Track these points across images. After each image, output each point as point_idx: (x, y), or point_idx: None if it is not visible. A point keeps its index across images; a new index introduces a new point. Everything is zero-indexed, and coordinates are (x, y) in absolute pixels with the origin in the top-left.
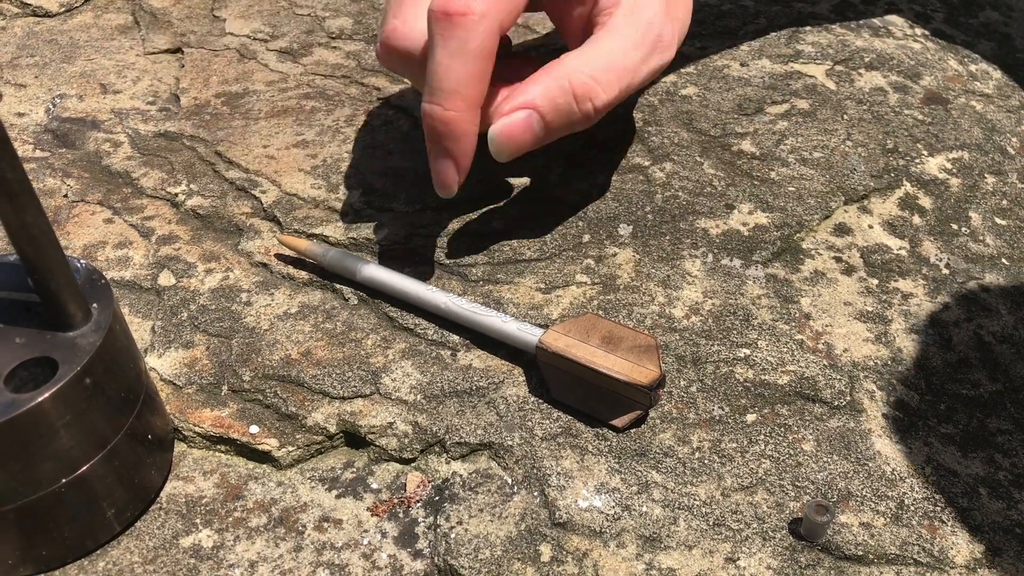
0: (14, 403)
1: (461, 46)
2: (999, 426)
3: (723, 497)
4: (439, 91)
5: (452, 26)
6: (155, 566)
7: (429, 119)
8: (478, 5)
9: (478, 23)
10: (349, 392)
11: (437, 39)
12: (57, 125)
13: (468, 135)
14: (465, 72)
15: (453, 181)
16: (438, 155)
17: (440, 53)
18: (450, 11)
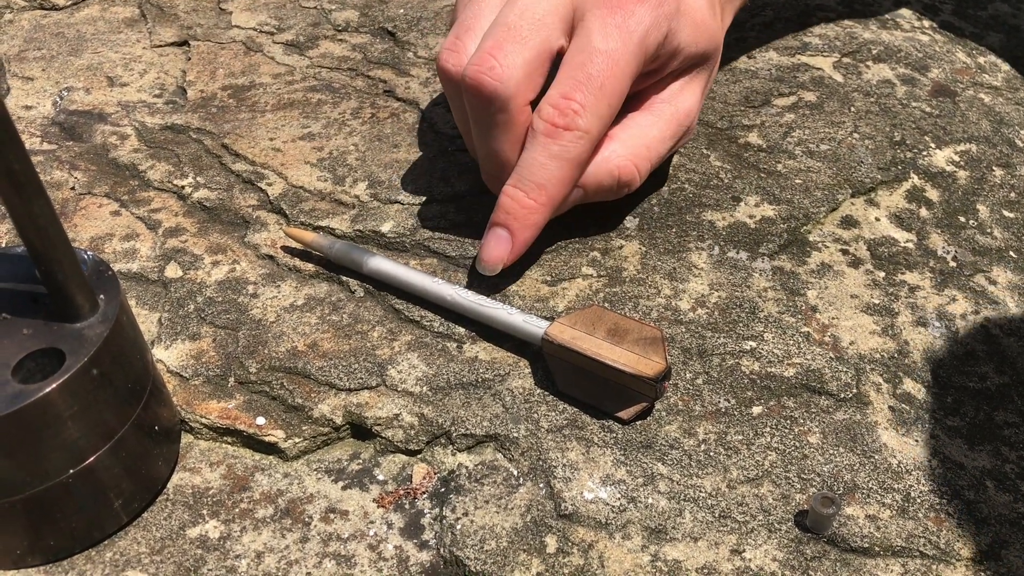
0: (22, 394)
1: (561, 152)
2: (1006, 419)
3: (729, 489)
4: (528, 181)
5: (558, 135)
6: (162, 556)
7: (510, 201)
8: (584, 122)
9: (581, 138)
10: (355, 384)
11: (540, 139)
12: (64, 118)
13: (537, 227)
14: (559, 175)
15: (501, 262)
16: (500, 234)
17: (540, 151)
18: (558, 124)
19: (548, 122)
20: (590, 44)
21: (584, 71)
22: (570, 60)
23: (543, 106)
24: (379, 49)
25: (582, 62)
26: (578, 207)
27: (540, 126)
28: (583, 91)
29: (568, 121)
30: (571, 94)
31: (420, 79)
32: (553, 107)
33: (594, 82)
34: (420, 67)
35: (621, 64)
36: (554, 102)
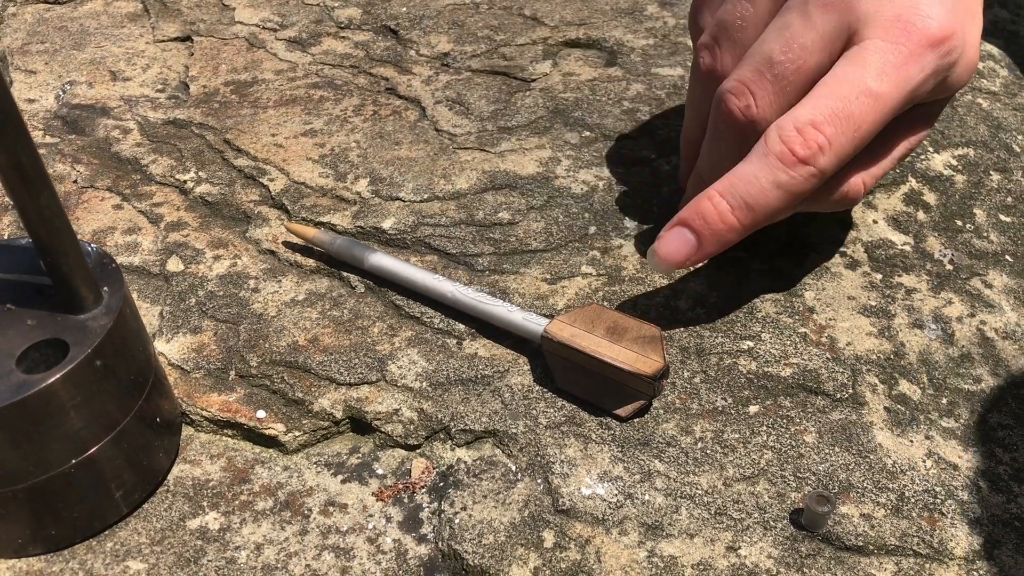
0: (26, 384)
1: (789, 185)
2: (1000, 421)
3: (725, 487)
4: (740, 198)
5: (793, 166)
6: (162, 547)
7: (711, 209)
8: (824, 161)
9: (814, 177)
10: (355, 379)
11: (771, 160)
12: (67, 111)
13: (727, 246)
14: (775, 205)
15: (677, 263)
16: (687, 236)
17: (766, 173)
18: (797, 155)
19: (787, 147)
20: (863, 79)
21: (846, 106)
22: (834, 85)
23: (786, 124)
24: (381, 47)
25: (847, 95)
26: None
27: (776, 147)
28: (836, 128)
29: (809, 155)
30: (823, 125)
31: (422, 77)
32: (799, 132)
33: (852, 123)
34: (422, 65)
35: (886, 110)
36: (801, 127)
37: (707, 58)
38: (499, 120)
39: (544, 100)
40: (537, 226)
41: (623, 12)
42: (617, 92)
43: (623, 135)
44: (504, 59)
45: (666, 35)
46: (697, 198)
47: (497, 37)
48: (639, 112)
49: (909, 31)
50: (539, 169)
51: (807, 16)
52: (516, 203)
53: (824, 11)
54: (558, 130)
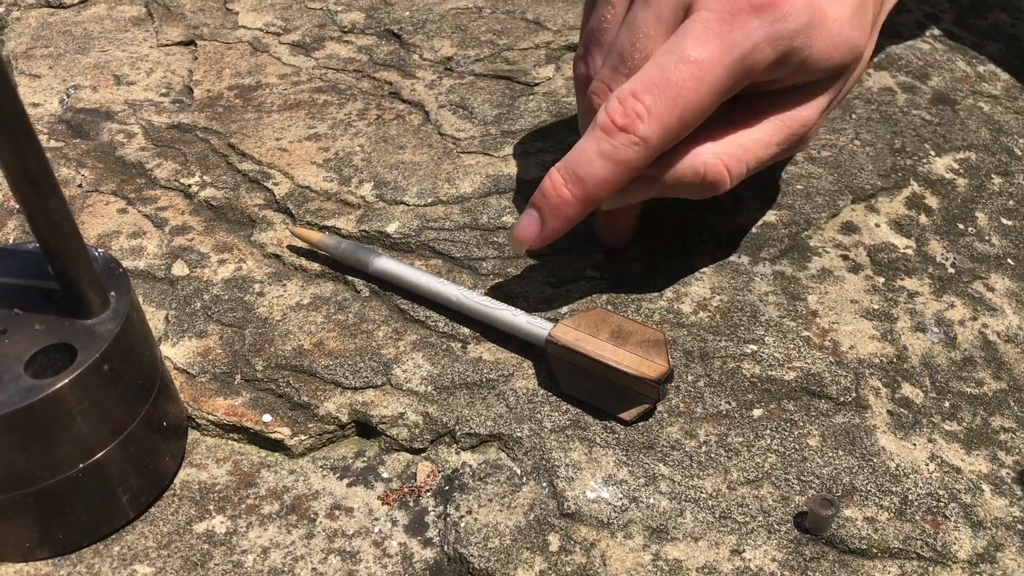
0: (34, 388)
1: (611, 153)
2: (1003, 424)
3: (729, 490)
4: (571, 171)
5: (613, 134)
6: (169, 551)
7: (549, 185)
8: (644, 129)
9: (635, 144)
10: (361, 382)
11: (596, 131)
12: (71, 116)
13: (568, 220)
14: (602, 175)
15: (528, 242)
16: (534, 214)
17: (592, 143)
18: (617, 123)
19: (609, 117)
20: (683, 48)
21: (663, 74)
22: (657, 57)
23: (611, 98)
24: (385, 51)
25: (665, 65)
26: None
27: (600, 117)
28: (655, 95)
29: (628, 123)
30: (641, 95)
31: (425, 81)
32: (620, 102)
33: (670, 89)
34: (425, 69)
35: (708, 79)
36: (622, 96)
37: (581, 68)
38: (502, 124)
39: (547, 104)
40: None
41: None
42: None
43: None
44: (507, 63)
45: None
46: (543, 180)
47: (500, 41)
48: None
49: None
50: (543, 173)
51: (647, 3)
52: (520, 207)
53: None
54: (561, 134)
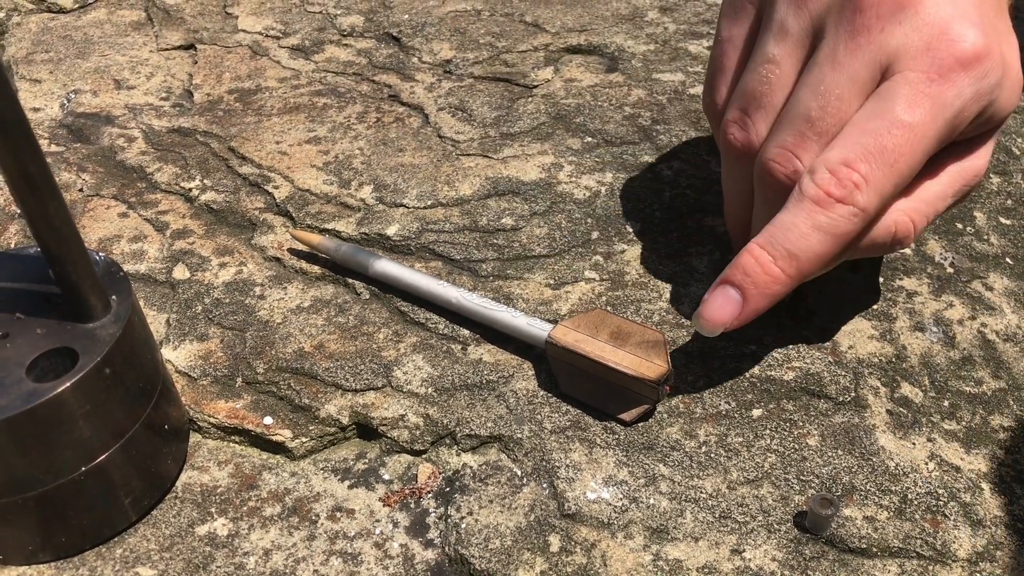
0: (35, 392)
1: (829, 226)
2: (1002, 423)
3: (729, 490)
4: (780, 247)
5: (829, 207)
6: (171, 554)
7: (753, 263)
8: (863, 199)
9: (855, 216)
10: (361, 385)
11: (807, 204)
12: (72, 120)
13: (775, 299)
14: (817, 249)
15: (725, 324)
16: (731, 294)
17: (803, 218)
18: (833, 195)
19: (822, 189)
20: (893, 112)
21: (878, 141)
22: (865, 122)
23: (819, 167)
24: (384, 54)
25: (878, 130)
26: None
27: (811, 191)
28: (871, 163)
29: (845, 194)
30: (856, 163)
31: (425, 84)
32: (831, 173)
33: (887, 156)
34: (424, 72)
35: (923, 141)
36: (833, 167)
37: (739, 133)
38: (501, 126)
39: (546, 106)
40: (540, 232)
41: (624, 18)
42: (618, 98)
43: (625, 140)
44: (506, 66)
45: (666, 41)
46: (739, 255)
47: (499, 44)
48: (640, 117)
49: (939, 57)
50: (542, 175)
51: (837, 63)
52: (519, 209)
53: (854, 54)
54: (560, 136)
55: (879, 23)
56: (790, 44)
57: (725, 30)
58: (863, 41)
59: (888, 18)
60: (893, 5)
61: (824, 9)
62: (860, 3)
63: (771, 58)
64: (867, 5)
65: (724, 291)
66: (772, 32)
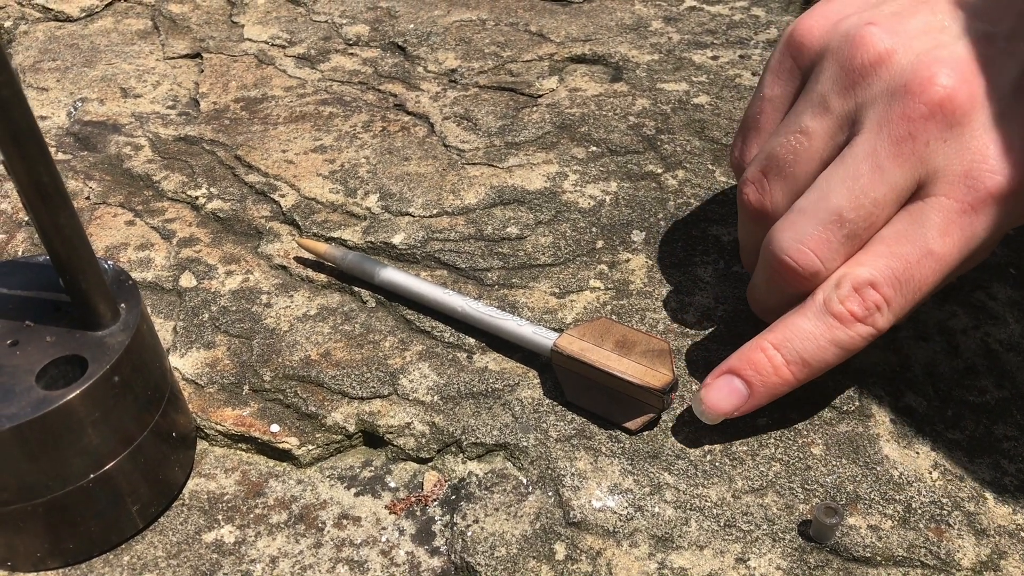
0: (45, 400)
1: (846, 343)
2: (1005, 432)
3: (734, 499)
4: (795, 352)
5: (850, 325)
6: (178, 561)
7: (765, 361)
8: (883, 322)
9: (871, 336)
10: (368, 392)
11: (828, 319)
12: (79, 128)
13: (776, 397)
14: (830, 361)
15: (727, 414)
16: (736, 386)
17: (822, 330)
18: (856, 315)
19: (845, 306)
20: (925, 240)
21: (907, 269)
22: (895, 244)
23: (844, 282)
24: (389, 63)
25: (908, 256)
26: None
27: (835, 307)
28: (897, 290)
29: (867, 316)
30: (882, 287)
31: (430, 93)
32: (857, 292)
33: (913, 285)
34: (430, 81)
35: (947, 269)
36: (859, 287)
37: (754, 194)
38: (507, 135)
39: (551, 115)
40: (545, 240)
41: (628, 28)
42: (623, 107)
43: (629, 150)
44: (511, 75)
45: (671, 51)
46: (749, 348)
47: (504, 53)
48: (645, 127)
49: (975, 188)
50: (546, 184)
51: (879, 168)
52: (524, 218)
53: (897, 163)
54: (565, 145)
55: (925, 136)
56: (827, 122)
57: (768, 88)
58: (907, 150)
59: (935, 134)
60: (943, 122)
61: (870, 99)
62: (910, 111)
63: (804, 129)
64: (916, 114)
65: (730, 381)
66: (812, 103)
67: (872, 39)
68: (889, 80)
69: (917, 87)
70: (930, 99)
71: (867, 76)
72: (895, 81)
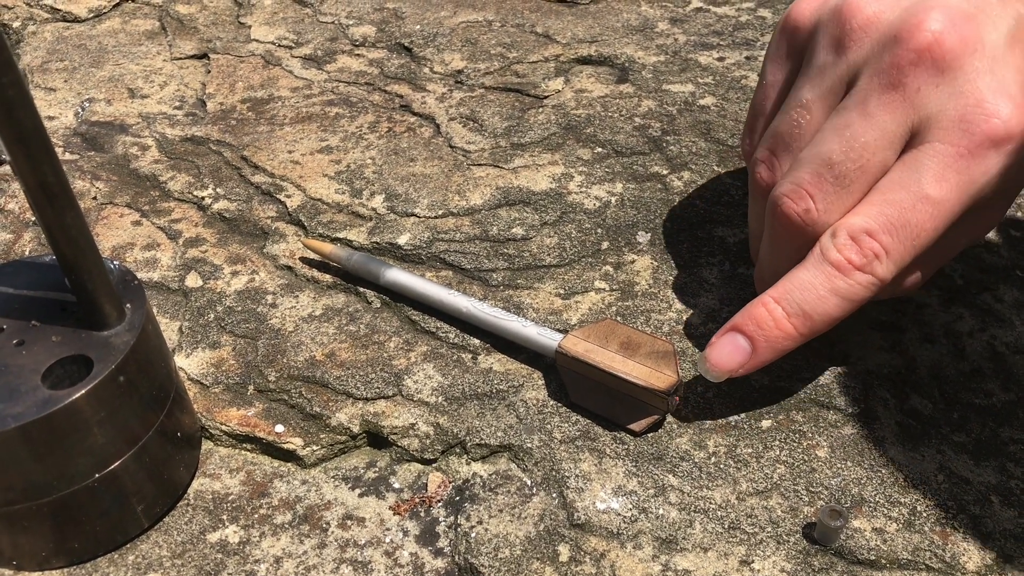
0: (51, 400)
1: (846, 292)
2: (1011, 435)
3: (738, 501)
4: (795, 304)
5: (849, 273)
6: (183, 560)
7: (766, 315)
8: (882, 270)
9: (872, 285)
10: (372, 393)
11: (826, 268)
12: (86, 128)
13: (783, 353)
14: (832, 312)
15: (732, 371)
16: (739, 342)
17: (822, 280)
18: (853, 263)
19: (843, 256)
20: (920, 185)
21: (902, 215)
22: (890, 191)
23: (839, 231)
24: (396, 64)
25: (903, 202)
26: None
27: (832, 255)
28: (894, 236)
29: (865, 263)
30: (878, 234)
31: (436, 94)
32: (854, 240)
33: (909, 230)
34: (436, 83)
35: (946, 216)
36: (856, 235)
37: (765, 172)
38: (512, 136)
39: (557, 117)
40: (550, 241)
41: (634, 29)
42: (628, 108)
43: (635, 151)
44: (517, 76)
45: (676, 52)
46: (751, 304)
47: (510, 55)
48: (650, 128)
49: (971, 132)
50: (552, 185)
51: (868, 115)
52: (530, 219)
53: (886, 109)
54: (571, 146)
55: (915, 82)
56: (823, 90)
57: (769, 74)
58: (898, 97)
59: (926, 79)
60: (933, 67)
61: (862, 59)
62: (898, 58)
63: (803, 103)
64: (906, 61)
65: (733, 338)
66: (809, 77)
67: (859, 5)
68: (879, 36)
69: (906, 34)
70: (918, 44)
71: (857, 39)
72: (885, 35)
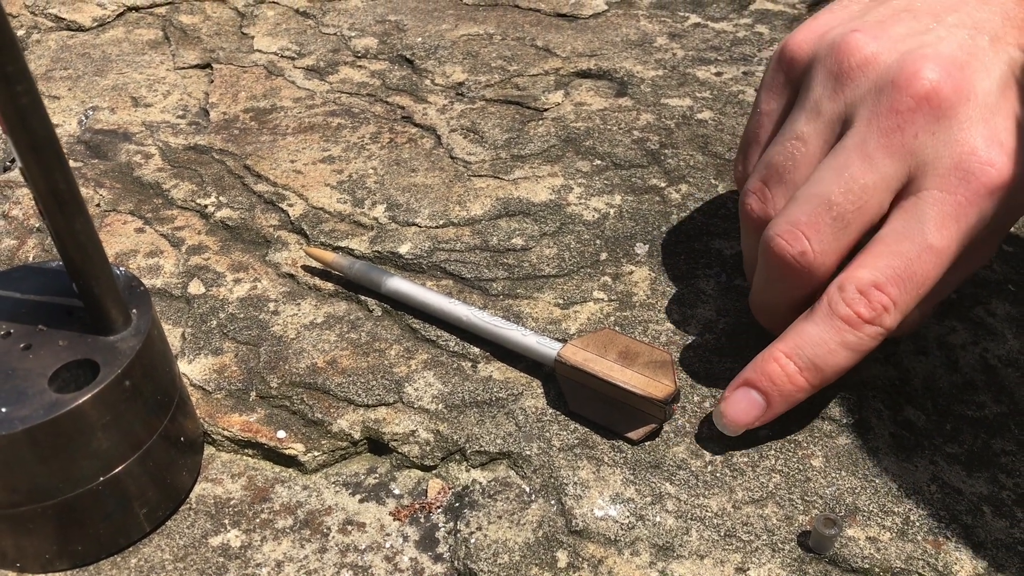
0: (57, 403)
1: (856, 345)
2: (1003, 447)
3: (734, 509)
4: (807, 359)
5: (858, 327)
6: (185, 564)
7: (779, 371)
8: (890, 321)
9: (880, 336)
10: (373, 400)
11: (836, 322)
12: (90, 137)
13: (794, 404)
14: (843, 364)
15: (747, 425)
16: (754, 398)
17: (832, 334)
18: (863, 316)
19: (852, 309)
20: (922, 235)
21: (908, 266)
22: (895, 242)
23: (847, 285)
24: (397, 76)
25: (908, 253)
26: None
27: (842, 309)
28: (900, 287)
29: (875, 316)
30: (886, 287)
31: (437, 106)
32: (862, 294)
33: (915, 281)
34: (437, 94)
35: (947, 262)
36: (864, 289)
37: (756, 204)
38: (512, 148)
39: (556, 129)
40: (550, 252)
41: (633, 44)
42: (627, 122)
43: (633, 164)
44: (517, 89)
45: (675, 66)
46: (762, 359)
47: (510, 67)
48: (649, 141)
49: (967, 180)
50: (551, 196)
51: (868, 157)
52: (529, 229)
53: (885, 153)
54: (570, 158)
55: (913, 128)
56: (820, 124)
57: (764, 103)
58: (896, 142)
59: (923, 126)
60: (930, 114)
61: (859, 98)
62: (897, 103)
63: (799, 135)
64: (903, 107)
65: (747, 394)
66: (805, 110)
67: (857, 43)
68: (876, 78)
69: (904, 81)
70: (916, 92)
71: (855, 77)
72: (882, 78)
